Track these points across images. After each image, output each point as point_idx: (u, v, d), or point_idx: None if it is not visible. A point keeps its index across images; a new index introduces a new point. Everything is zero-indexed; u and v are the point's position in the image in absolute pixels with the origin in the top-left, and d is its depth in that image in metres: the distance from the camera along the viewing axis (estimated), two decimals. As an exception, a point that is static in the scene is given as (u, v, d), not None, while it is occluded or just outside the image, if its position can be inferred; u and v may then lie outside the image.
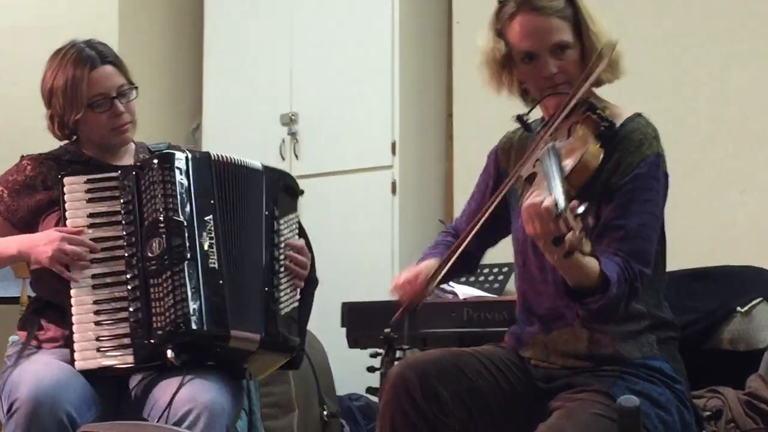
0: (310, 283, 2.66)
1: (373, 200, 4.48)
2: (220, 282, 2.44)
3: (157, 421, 2.31)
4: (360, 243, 4.46)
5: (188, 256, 2.41)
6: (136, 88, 2.64)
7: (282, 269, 2.57)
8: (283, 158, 4.65)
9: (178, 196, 2.45)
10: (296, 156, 4.67)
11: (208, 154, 2.57)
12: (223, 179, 2.53)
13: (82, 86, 2.55)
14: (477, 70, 2.36)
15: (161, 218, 2.44)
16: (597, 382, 2.17)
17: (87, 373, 2.40)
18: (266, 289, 2.52)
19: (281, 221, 2.60)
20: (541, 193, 1.99)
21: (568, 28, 2.24)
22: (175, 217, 2.43)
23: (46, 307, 2.58)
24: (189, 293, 2.38)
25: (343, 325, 3.51)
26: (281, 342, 2.53)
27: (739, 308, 2.92)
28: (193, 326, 2.37)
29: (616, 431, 2.00)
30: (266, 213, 2.57)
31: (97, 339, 2.40)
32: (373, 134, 4.50)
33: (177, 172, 2.47)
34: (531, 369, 2.30)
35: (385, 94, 4.48)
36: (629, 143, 2.20)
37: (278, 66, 4.78)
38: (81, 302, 2.44)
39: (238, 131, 4.73)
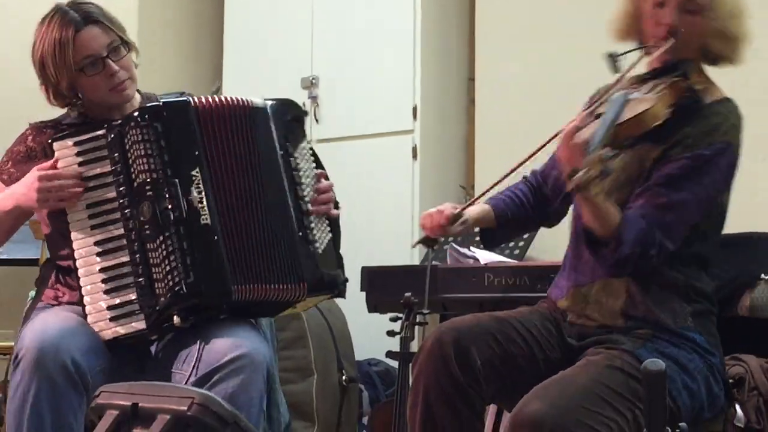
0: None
1: (393, 165, 4.44)
2: (215, 238, 2.39)
3: (193, 368, 2.33)
4: (380, 207, 4.44)
5: (178, 216, 2.37)
6: (128, 42, 2.57)
7: (310, 206, 2.53)
8: (303, 122, 4.62)
9: (159, 156, 2.39)
10: (317, 120, 4.63)
11: (186, 101, 2.47)
12: (210, 126, 2.46)
13: (68, 51, 2.49)
14: (498, 34, 2.32)
15: (148, 180, 2.39)
16: (627, 341, 2.16)
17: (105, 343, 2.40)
18: (300, 233, 2.49)
19: (296, 155, 2.55)
20: (589, 127, 2.03)
21: None
22: (159, 179, 2.38)
23: (59, 269, 2.58)
24: (183, 257, 2.35)
25: (362, 290, 3.47)
26: (326, 282, 2.54)
27: (763, 275, 2.90)
28: (192, 290, 2.34)
29: (630, 387, 2.04)
30: (281, 153, 2.51)
31: (109, 308, 2.40)
32: (394, 98, 4.46)
33: (156, 128, 2.40)
34: (566, 328, 2.28)
35: (406, 58, 4.43)
36: (704, 124, 2.17)
37: (299, 29, 4.74)
38: (88, 272, 2.43)
39: (258, 94, 4.49)
